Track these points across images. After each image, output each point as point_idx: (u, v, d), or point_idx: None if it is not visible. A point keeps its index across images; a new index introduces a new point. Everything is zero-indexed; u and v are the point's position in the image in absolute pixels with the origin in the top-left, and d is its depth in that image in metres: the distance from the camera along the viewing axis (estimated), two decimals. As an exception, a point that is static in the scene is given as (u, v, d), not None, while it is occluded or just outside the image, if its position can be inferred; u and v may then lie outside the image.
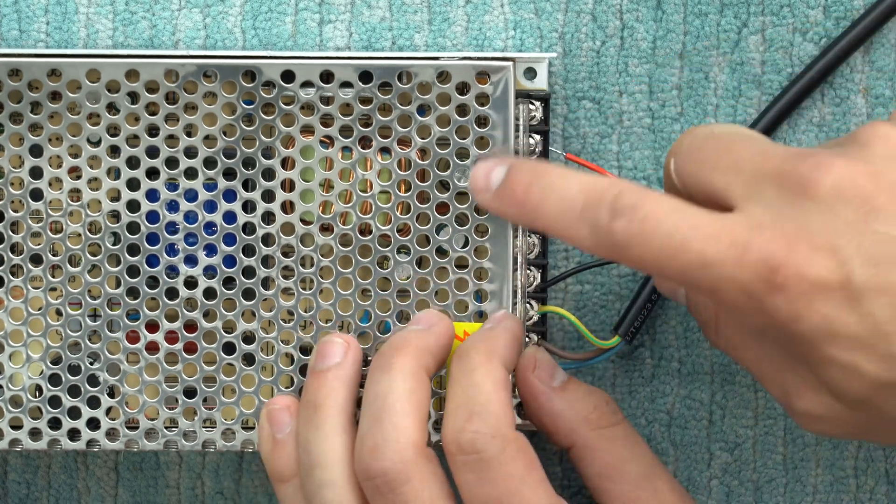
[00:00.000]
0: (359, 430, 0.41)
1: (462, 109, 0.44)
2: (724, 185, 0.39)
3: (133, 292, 0.45)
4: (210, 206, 0.44)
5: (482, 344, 0.42)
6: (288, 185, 0.44)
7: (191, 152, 0.44)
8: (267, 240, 0.45)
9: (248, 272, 0.45)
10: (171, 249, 0.45)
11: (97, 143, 0.44)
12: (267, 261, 0.45)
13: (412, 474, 0.40)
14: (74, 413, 0.45)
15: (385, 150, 0.45)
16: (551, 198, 0.40)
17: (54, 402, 0.45)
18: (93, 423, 0.45)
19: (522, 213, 0.41)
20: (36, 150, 0.44)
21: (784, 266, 0.36)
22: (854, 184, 0.37)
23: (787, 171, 0.38)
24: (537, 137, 0.45)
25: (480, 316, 0.45)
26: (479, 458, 0.40)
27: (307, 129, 0.44)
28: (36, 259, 0.44)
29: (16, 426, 0.45)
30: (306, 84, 0.44)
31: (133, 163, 0.44)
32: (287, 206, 0.45)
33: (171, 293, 0.45)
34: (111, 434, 0.45)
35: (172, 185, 0.44)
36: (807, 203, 0.37)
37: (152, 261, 0.45)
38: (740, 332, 0.42)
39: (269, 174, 0.44)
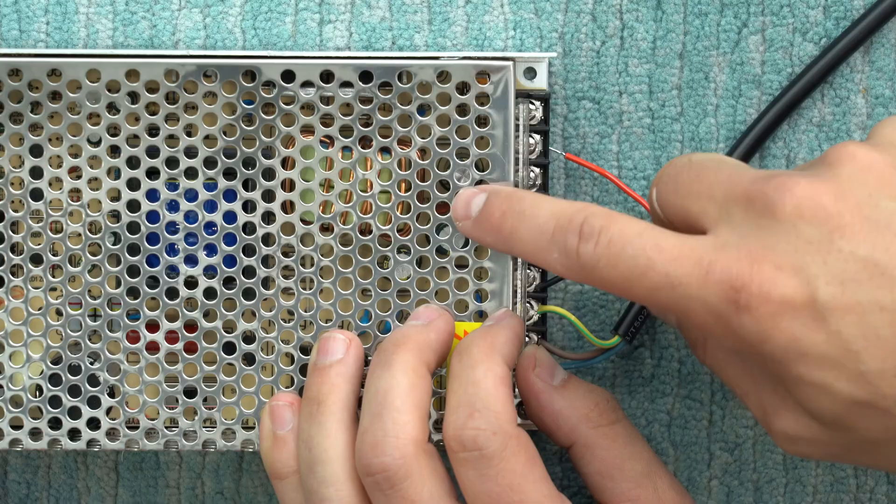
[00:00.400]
0: (360, 426, 0.41)
1: (462, 109, 0.44)
2: (699, 211, 0.39)
3: (133, 292, 0.45)
4: (210, 206, 0.44)
5: (483, 341, 0.42)
6: (288, 185, 0.44)
7: (191, 152, 0.44)
8: (267, 239, 0.45)
9: (249, 272, 0.45)
10: (172, 249, 0.45)
11: (97, 143, 0.44)
12: (267, 260, 0.45)
13: (412, 470, 0.40)
14: (75, 413, 0.45)
15: (385, 150, 0.45)
16: (524, 224, 0.41)
17: (54, 401, 0.45)
18: (93, 423, 0.45)
19: (498, 240, 0.42)
20: (36, 150, 0.44)
21: (748, 285, 0.37)
22: (817, 203, 0.37)
23: (753, 193, 0.38)
24: (537, 137, 0.45)
25: (480, 316, 0.45)
26: (481, 454, 0.40)
27: (307, 129, 0.44)
28: (36, 259, 0.44)
29: (16, 426, 0.45)
30: (306, 84, 0.44)
31: (133, 163, 0.44)
32: (287, 206, 0.45)
33: (172, 293, 0.45)
34: (111, 434, 0.45)
35: (172, 185, 0.44)
36: (772, 223, 0.37)
37: (152, 260, 0.45)
38: (722, 351, 0.42)
39: (269, 174, 0.44)
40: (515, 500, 0.40)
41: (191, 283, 0.45)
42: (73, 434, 0.45)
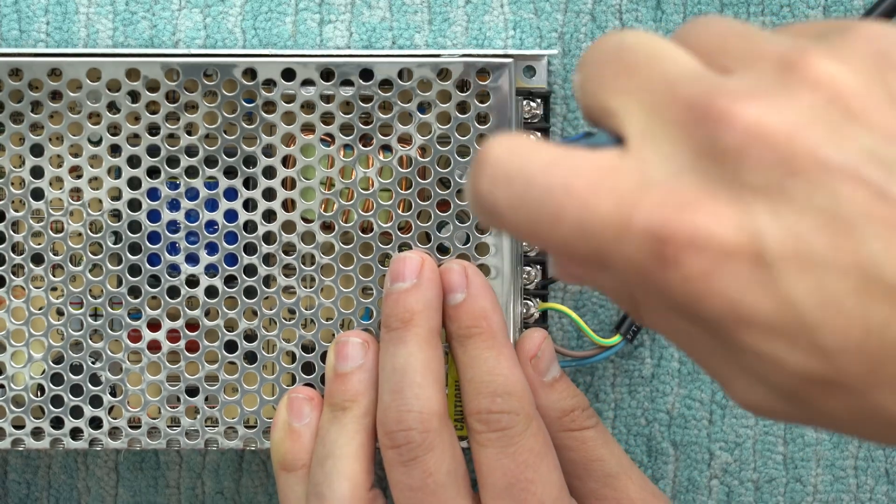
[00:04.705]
0: (380, 402, 0.42)
1: (462, 107, 0.44)
2: (621, 113, 0.30)
3: (134, 291, 0.45)
4: (211, 205, 0.45)
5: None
6: (289, 184, 0.45)
7: (191, 151, 0.44)
8: (268, 238, 0.45)
9: (250, 270, 0.45)
10: (173, 248, 0.45)
11: (98, 142, 0.44)
12: (268, 259, 0.45)
13: (435, 444, 0.41)
14: (76, 412, 0.45)
15: (386, 148, 0.45)
16: None
17: (56, 401, 0.45)
18: (95, 423, 0.45)
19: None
20: (37, 150, 0.44)
21: (675, 236, 0.28)
22: (774, 131, 0.28)
23: (699, 106, 0.28)
24: (538, 135, 0.45)
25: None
26: (504, 434, 0.42)
27: (308, 127, 0.44)
28: (37, 258, 0.44)
29: (18, 426, 0.45)
30: (307, 82, 0.44)
31: (134, 161, 0.44)
32: (288, 204, 0.45)
33: (173, 292, 0.45)
34: (113, 433, 0.45)
35: (173, 184, 0.44)
36: (715, 151, 0.28)
37: (153, 259, 0.45)
38: (660, 311, 0.31)
39: (269, 172, 0.44)
40: (528, 477, 0.41)
41: (192, 281, 0.45)
42: (75, 433, 0.45)
